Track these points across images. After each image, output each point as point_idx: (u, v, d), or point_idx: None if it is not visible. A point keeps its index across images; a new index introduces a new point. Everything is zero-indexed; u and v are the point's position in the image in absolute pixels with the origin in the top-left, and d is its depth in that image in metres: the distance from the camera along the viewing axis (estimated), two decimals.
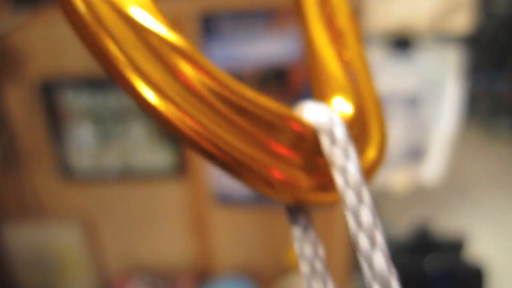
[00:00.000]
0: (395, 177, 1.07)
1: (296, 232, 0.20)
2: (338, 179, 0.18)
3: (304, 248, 0.19)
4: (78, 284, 1.21)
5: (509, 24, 2.84)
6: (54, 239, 1.18)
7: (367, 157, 0.20)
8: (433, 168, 1.05)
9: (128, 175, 1.10)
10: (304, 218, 0.20)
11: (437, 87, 1.00)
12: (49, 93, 1.04)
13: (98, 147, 1.08)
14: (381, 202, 1.15)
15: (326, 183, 0.19)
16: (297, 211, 0.20)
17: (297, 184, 0.19)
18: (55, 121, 1.07)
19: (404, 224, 1.18)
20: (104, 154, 1.08)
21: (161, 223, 1.15)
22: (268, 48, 0.98)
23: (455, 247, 1.17)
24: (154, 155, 1.07)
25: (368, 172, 0.20)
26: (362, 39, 0.22)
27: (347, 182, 0.17)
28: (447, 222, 1.37)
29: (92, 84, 1.02)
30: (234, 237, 1.15)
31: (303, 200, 0.19)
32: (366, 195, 0.17)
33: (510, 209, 1.92)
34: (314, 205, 0.20)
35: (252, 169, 0.18)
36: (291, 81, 0.99)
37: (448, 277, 1.09)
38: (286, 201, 0.19)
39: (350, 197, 0.17)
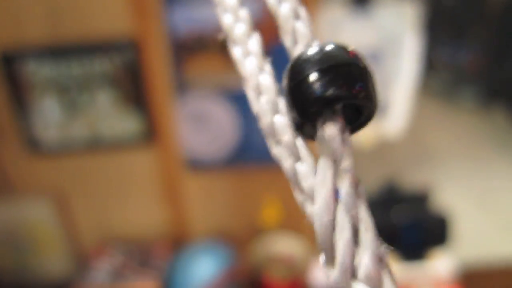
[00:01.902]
0: (360, 133, 1.10)
1: None
2: None
3: None
4: (52, 258, 1.20)
5: None
6: (25, 215, 1.17)
7: None
8: (395, 121, 1.08)
9: (97, 145, 1.09)
10: None
11: (396, 42, 1.03)
12: (9, 64, 1.02)
13: (65, 118, 1.07)
14: None
15: None
16: None
17: None
18: (18, 93, 1.05)
19: (372, 180, 1.22)
20: (71, 125, 1.07)
21: (133, 192, 1.15)
22: None
23: (420, 199, 1.22)
24: (122, 123, 1.07)
25: None
26: None
27: None
28: (413, 179, 1.43)
29: (54, 53, 1.01)
30: (207, 202, 1.17)
31: None
32: None
33: (471, 166, 2.01)
34: None
35: None
36: None
37: (414, 226, 1.14)
38: None
39: None
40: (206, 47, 1.01)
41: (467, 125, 2.56)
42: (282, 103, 0.16)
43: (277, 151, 0.15)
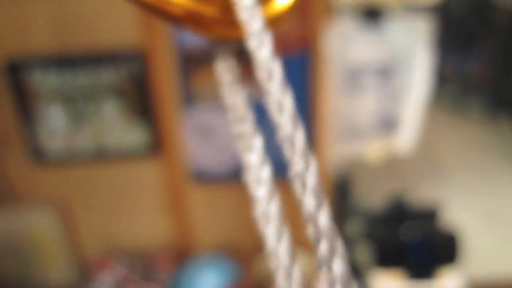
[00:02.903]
0: (369, 148, 1.08)
1: (220, 65, 0.24)
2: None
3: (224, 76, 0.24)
4: (55, 269, 1.19)
5: (477, 5, 2.90)
6: (29, 225, 1.16)
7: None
8: (406, 137, 1.07)
9: (102, 156, 1.08)
10: (224, 51, 0.24)
11: (407, 57, 1.01)
12: (16, 74, 1.01)
13: (70, 128, 1.06)
14: (357, 174, 1.17)
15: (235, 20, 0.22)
16: (219, 46, 0.24)
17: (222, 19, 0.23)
18: (23, 103, 1.04)
19: (380, 196, 1.20)
20: (76, 135, 1.06)
21: (137, 203, 1.14)
22: None
23: (429, 215, 1.20)
24: (128, 134, 1.06)
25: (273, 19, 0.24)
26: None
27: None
28: (421, 194, 1.41)
29: (60, 63, 1.00)
30: (212, 214, 1.15)
31: (222, 34, 0.23)
32: (267, 40, 0.19)
33: (479, 181, 1.98)
34: (228, 39, 0.24)
35: (192, 14, 0.22)
36: None
37: (423, 243, 1.12)
38: (213, 36, 0.24)
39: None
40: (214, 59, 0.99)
41: (475, 136, 2.53)
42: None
43: None
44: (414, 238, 1.12)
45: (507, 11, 2.66)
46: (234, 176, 1.10)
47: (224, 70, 0.23)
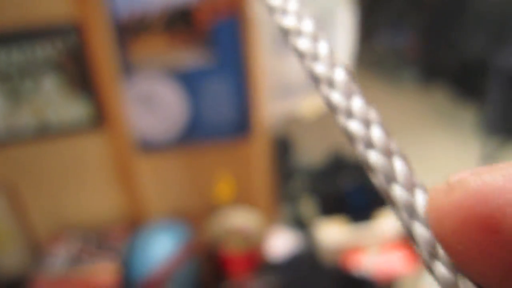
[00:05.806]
0: (303, 104, 1.16)
1: None
2: None
3: None
4: (7, 252, 1.19)
5: None
6: None
7: None
8: None
9: (45, 133, 1.09)
10: None
11: (330, 15, 1.09)
12: None
13: (9, 107, 1.06)
14: (295, 132, 1.24)
15: None
16: None
17: None
18: None
19: (319, 151, 1.29)
20: (16, 114, 1.06)
21: (85, 178, 1.16)
22: None
23: None
24: (70, 108, 1.07)
25: None
26: None
27: None
28: None
29: None
30: (161, 182, 1.19)
31: None
32: None
33: (413, 144, 2.13)
34: None
35: None
36: (197, 21, 1.03)
37: (359, 190, 1.22)
38: None
39: None
40: (150, 27, 1.03)
41: (409, 105, 2.70)
42: None
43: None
44: (351, 186, 1.22)
45: None
46: (180, 142, 1.14)
47: None
